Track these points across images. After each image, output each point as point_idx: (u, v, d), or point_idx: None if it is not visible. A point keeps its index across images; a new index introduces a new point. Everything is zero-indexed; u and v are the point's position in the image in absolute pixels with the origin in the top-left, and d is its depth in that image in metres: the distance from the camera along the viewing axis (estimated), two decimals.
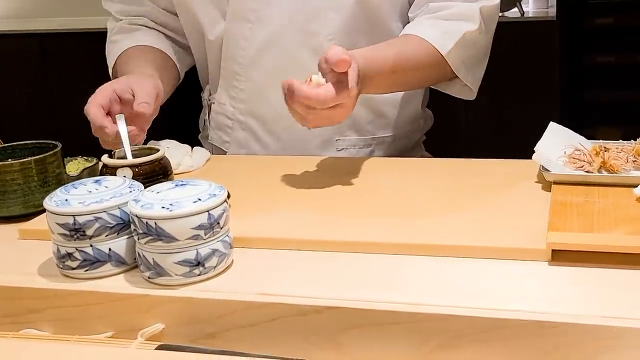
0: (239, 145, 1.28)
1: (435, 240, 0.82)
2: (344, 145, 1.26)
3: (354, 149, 1.26)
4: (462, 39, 1.15)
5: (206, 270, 0.78)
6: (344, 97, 0.94)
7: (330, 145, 1.25)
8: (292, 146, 1.25)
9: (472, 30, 1.15)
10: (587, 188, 0.93)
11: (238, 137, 1.28)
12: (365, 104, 1.24)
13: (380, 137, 1.28)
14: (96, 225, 0.79)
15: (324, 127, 1.01)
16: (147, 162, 0.96)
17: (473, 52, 1.19)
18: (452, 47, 1.14)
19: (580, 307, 0.69)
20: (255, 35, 1.20)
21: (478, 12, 1.16)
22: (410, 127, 1.32)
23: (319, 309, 0.73)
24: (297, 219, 0.91)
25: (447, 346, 0.71)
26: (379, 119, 1.27)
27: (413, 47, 1.13)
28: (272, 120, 1.24)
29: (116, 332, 0.78)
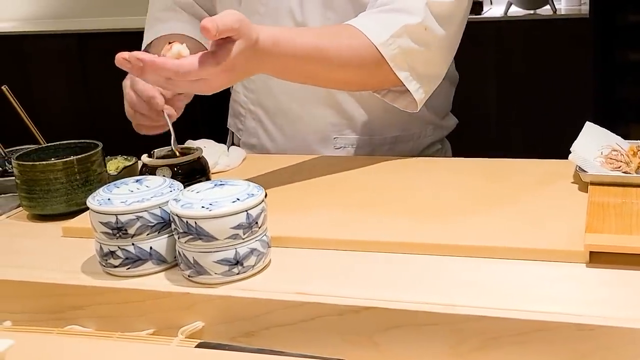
0: (250, 134, 1.31)
1: (472, 242, 0.83)
2: (341, 144, 1.24)
3: (352, 148, 1.25)
4: (401, 29, 1.03)
5: (245, 269, 0.79)
6: (208, 71, 0.87)
7: (328, 143, 1.25)
8: (294, 139, 1.26)
9: (413, 24, 1.04)
10: (624, 189, 0.92)
11: (249, 125, 1.30)
12: (363, 104, 1.22)
13: (378, 137, 1.25)
14: (138, 224, 0.81)
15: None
16: (186, 161, 0.97)
17: (423, 54, 1.06)
18: (389, 37, 1.02)
19: (619, 310, 0.69)
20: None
21: (423, 6, 1.04)
22: (413, 130, 1.27)
23: (356, 309, 0.73)
24: (334, 219, 0.92)
25: (484, 348, 0.71)
26: (377, 120, 1.23)
27: (342, 38, 1.03)
28: (276, 113, 1.26)
29: (157, 329, 0.79)
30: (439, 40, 1.07)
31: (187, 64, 0.85)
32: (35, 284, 0.84)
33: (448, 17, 1.07)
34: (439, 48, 1.08)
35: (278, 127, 1.27)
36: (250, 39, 0.89)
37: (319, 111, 1.24)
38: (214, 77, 0.88)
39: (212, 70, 0.87)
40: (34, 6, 3.73)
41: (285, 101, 1.24)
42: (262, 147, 1.30)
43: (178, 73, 0.85)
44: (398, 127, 1.25)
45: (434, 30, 1.06)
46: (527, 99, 2.83)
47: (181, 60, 0.85)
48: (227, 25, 0.85)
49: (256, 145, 1.31)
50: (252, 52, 0.90)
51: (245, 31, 0.88)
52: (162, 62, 0.84)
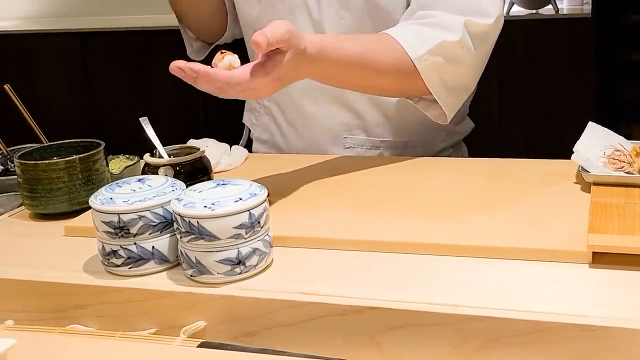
0: (264, 129, 1.33)
1: (475, 242, 0.83)
2: (351, 144, 1.26)
3: (361, 148, 1.26)
4: (438, 47, 1.07)
5: (247, 269, 0.79)
6: (257, 82, 0.90)
7: (338, 142, 1.26)
8: (305, 137, 1.28)
9: (451, 41, 1.07)
10: (627, 189, 0.92)
11: (263, 121, 1.33)
12: (375, 106, 1.23)
13: (389, 140, 1.25)
14: (140, 224, 0.81)
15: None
16: (188, 161, 0.97)
17: (454, 71, 1.10)
18: (425, 53, 1.06)
19: (621, 310, 0.69)
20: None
21: (462, 25, 1.08)
22: (425, 135, 1.27)
23: (358, 309, 0.73)
24: (336, 219, 0.92)
25: (486, 348, 0.71)
26: (389, 123, 1.24)
27: (382, 48, 1.06)
28: (289, 110, 1.28)
29: (159, 328, 0.79)
30: (473, 58, 1.11)
31: (237, 75, 0.89)
32: (38, 283, 0.84)
33: (483, 37, 1.11)
34: (472, 65, 1.12)
35: (290, 124, 1.29)
36: (298, 49, 0.93)
37: (330, 110, 1.25)
38: (263, 86, 0.92)
39: (262, 81, 0.90)
40: (37, 5, 3.73)
41: (298, 98, 1.26)
42: (273, 143, 1.32)
43: (229, 84, 0.88)
44: (409, 132, 1.26)
45: (469, 48, 1.09)
46: (529, 99, 2.82)
47: (232, 72, 0.89)
48: (277, 38, 0.89)
49: (268, 140, 1.33)
50: (299, 61, 0.94)
51: (294, 42, 0.92)
52: (214, 74, 0.88)
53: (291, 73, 0.94)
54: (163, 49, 1.50)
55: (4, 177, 1.13)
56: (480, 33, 1.10)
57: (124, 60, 3.17)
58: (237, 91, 0.90)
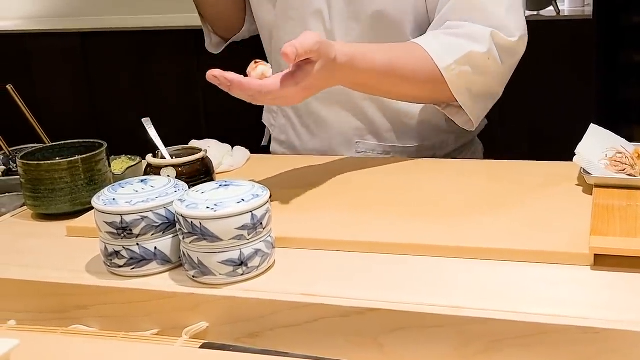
0: (280, 130, 1.36)
1: (477, 243, 0.83)
2: (363, 149, 1.28)
3: (372, 153, 1.28)
4: (465, 57, 1.09)
5: (249, 270, 0.79)
6: (288, 91, 0.94)
7: (351, 146, 1.28)
8: (319, 140, 1.30)
9: (479, 52, 1.09)
10: (629, 192, 0.92)
11: (280, 122, 1.36)
12: (385, 113, 1.25)
13: (400, 146, 1.27)
14: (142, 224, 0.81)
15: None
16: (190, 162, 0.97)
17: (481, 80, 1.12)
18: (452, 63, 1.09)
19: (623, 312, 0.69)
20: (294, 31, 1.21)
21: (489, 37, 1.10)
22: (435, 140, 1.28)
23: (361, 311, 0.74)
24: (338, 220, 0.92)
25: (488, 350, 0.71)
26: (399, 128, 1.26)
27: (410, 57, 1.09)
28: (305, 113, 1.30)
29: (161, 329, 0.79)
30: (498, 69, 1.13)
31: (269, 85, 0.93)
32: (40, 283, 0.84)
33: (509, 51, 1.13)
34: (497, 76, 1.14)
35: (305, 127, 1.32)
36: (328, 59, 0.96)
37: (343, 115, 1.27)
38: (293, 95, 0.96)
39: (292, 90, 0.94)
40: (38, 5, 3.74)
41: (313, 102, 1.28)
42: (290, 144, 1.35)
43: (261, 92, 0.93)
44: (419, 138, 1.27)
45: (495, 60, 1.11)
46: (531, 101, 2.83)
47: (264, 81, 0.93)
48: (307, 48, 0.92)
49: (285, 141, 1.36)
50: (330, 70, 0.97)
51: (324, 52, 0.95)
52: (248, 83, 0.92)
53: (321, 82, 0.98)
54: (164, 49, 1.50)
55: (6, 177, 1.13)
56: (506, 46, 1.12)
57: (126, 60, 3.17)
58: (268, 99, 0.95)
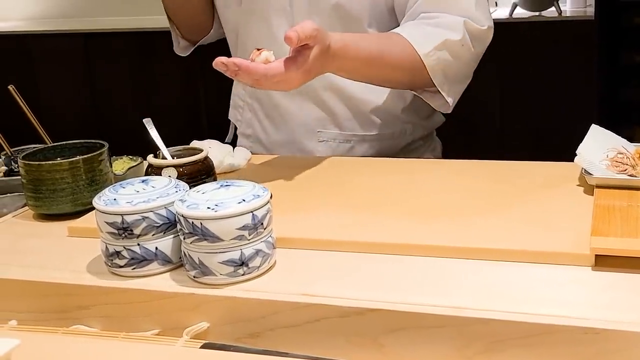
0: (247, 124, 1.41)
1: (477, 244, 0.83)
2: (324, 138, 1.33)
3: (334, 142, 1.32)
4: (442, 44, 1.17)
5: (250, 270, 0.79)
6: (290, 74, 1.00)
7: (313, 136, 1.33)
8: (283, 131, 1.35)
9: (454, 40, 1.17)
10: (630, 192, 0.92)
11: (246, 117, 1.41)
12: (345, 102, 1.30)
13: (360, 134, 1.32)
14: (143, 225, 0.81)
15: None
16: (191, 162, 0.97)
17: (455, 65, 1.19)
18: (431, 49, 1.16)
19: (624, 313, 0.69)
20: (260, 28, 1.29)
21: (462, 25, 1.18)
22: (392, 129, 1.34)
23: (361, 311, 0.74)
24: (339, 220, 0.92)
25: (489, 350, 0.71)
26: (359, 118, 1.31)
27: (394, 46, 1.16)
28: (268, 106, 1.35)
29: (162, 329, 0.79)
30: (470, 55, 1.21)
31: (273, 68, 0.99)
32: (41, 283, 0.84)
33: (479, 38, 1.21)
34: (469, 61, 1.23)
35: (270, 119, 1.36)
36: (324, 45, 1.03)
37: (304, 106, 1.32)
38: (294, 78, 1.02)
39: (294, 74, 1.01)
40: (40, 6, 3.74)
41: (275, 95, 1.33)
42: (255, 138, 1.40)
43: (266, 76, 0.99)
44: (377, 126, 1.33)
45: (468, 47, 1.20)
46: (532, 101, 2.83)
47: (269, 65, 0.99)
48: (307, 34, 0.99)
49: (251, 135, 1.40)
50: (324, 56, 1.04)
51: (320, 38, 1.02)
52: (254, 67, 0.98)
53: (317, 67, 1.04)
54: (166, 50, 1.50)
55: (7, 177, 1.13)
56: (477, 34, 1.20)
57: (127, 61, 3.18)
58: (272, 83, 1.00)
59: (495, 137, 2.85)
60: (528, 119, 2.85)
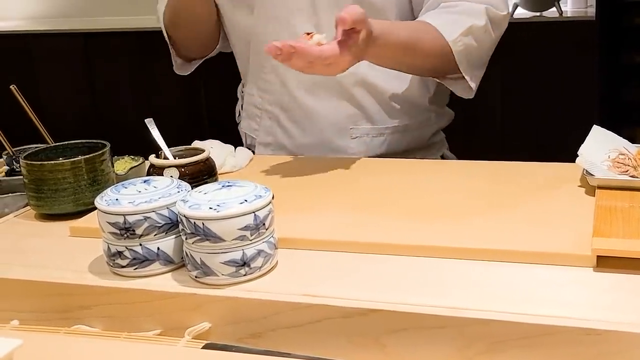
0: (266, 133, 1.37)
1: (479, 244, 0.83)
2: (357, 134, 1.32)
3: (367, 137, 1.32)
4: (467, 30, 1.20)
5: (252, 270, 0.79)
6: (343, 57, 1.02)
7: (345, 133, 1.32)
8: (311, 133, 1.32)
9: (479, 26, 1.20)
10: (632, 193, 0.92)
11: (265, 125, 1.37)
12: (374, 95, 1.31)
13: (391, 126, 1.33)
14: (145, 225, 0.81)
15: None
16: (193, 162, 0.97)
17: (478, 51, 1.23)
18: (458, 36, 1.19)
19: (626, 314, 0.69)
20: (280, 32, 1.26)
21: (484, 11, 1.21)
22: (419, 118, 1.36)
23: (363, 311, 0.74)
24: (341, 221, 0.92)
25: (490, 351, 0.71)
26: (387, 109, 1.32)
27: (425, 33, 1.19)
28: (294, 110, 1.33)
29: (164, 329, 0.79)
30: (491, 41, 1.25)
31: (328, 50, 1.01)
32: (43, 283, 0.84)
33: (499, 24, 1.25)
34: (490, 47, 1.26)
35: (296, 123, 1.33)
36: (369, 30, 1.05)
37: (334, 104, 1.31)
38: (345, 61, 1.04)
39: (346, 57, 1.03)
40: (41, 5, 3.74)
41: (302, 97, 1.31)
42: (277, 145, 1.36)
43: (320, 57, 1.00)
44: (406, 116, 1.34)
45: (490, 32, 1.23)
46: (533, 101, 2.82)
47: (323, 47, 1.01)
48: (355, 18, 1.01)
49: (271, 143, 1.36)
50: (368, 42, 1.05)
51: (367, 24, 1.04)
52: (310, 49, 1.00)
53: (362, 51, 1.06)
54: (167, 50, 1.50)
55: (9, 177, 1.13)
56: (497, 20, 1.24)
57: (128, 61, 3.17)
58: (324, 65, 1.02)
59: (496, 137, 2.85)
60: (529, 120, 2.85)
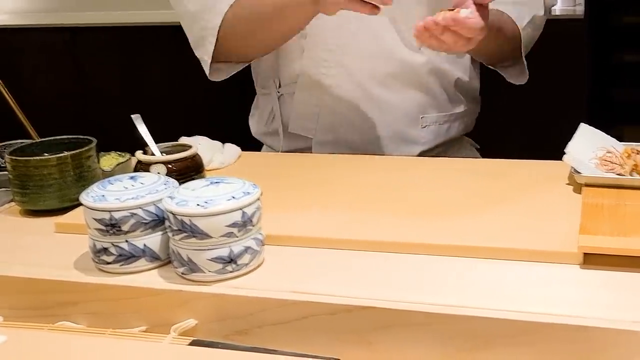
0: (326, 130, 1.30)
1: (466, 242, 0.83)
2: (427, 122, 1.32)
3: (434, 125, 1.33)
4: (532, 19, 1.25)
5: (239, 267, 0.79)
6: (483, 31, 1.04)
7: (416, 123, 1.31)
8: (382, 126, 1.29)
9: (540, 15, 1.26)
10: (618, 191, 0.92)
11: (325, 122, 1.30)
12: (443, 83, 1.32)
13: (455, 113, 1.35)
14: (132, 221, 0.80)
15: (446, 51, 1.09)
16: (180, 158, 0.97)
17: (533, 38, 1.28)
18: (525, 24, 1.23)
19: (612, 311, 0.69)
20: (350, 21, 1.23)
21: (542, 2, 1.28)
22: (470, 105, 1.39)
23: (350, 308, 0.73)
24: (328, 218, 0.92)
25: (477, 348, 0.71)
26: (452, 96, 1.34)
27: (510, 23, 1.23)
28: (364, 102, 1.28)
29: (150, 326, 0.79)
30: (540, 29, 1.30)
31: (479, 22, 1.01)
32: (28, 279, 0.83)
33: (543, 20, 1.30)
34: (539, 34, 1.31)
35: (363, 115, 1.29)
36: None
37: (410, 94, 1.30)
38: (478, 37, 1.04)
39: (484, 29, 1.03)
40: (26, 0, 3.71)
41: (372, 89, 1.28)
42: (340, 142, 1.30)
43: (471, 29, 1.00)
44: (463, 102, 1.36)
45: (543, 20, 1.29)
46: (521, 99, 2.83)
47: (473, 19, 1.00)
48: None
49: (331, 141, 1.30)
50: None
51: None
52: (472, 20, 1.00)
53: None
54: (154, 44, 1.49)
55: None
56: (548, 10, 1.30)
57: (115, 56, 3.15)
58: (465, 40, 1.02)
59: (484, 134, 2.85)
60: (517, 118, 2.85)
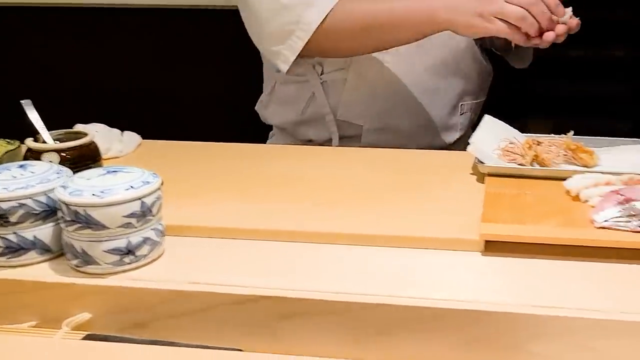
0: (378, 118, 1.29)
1: (370, 230, 0.82)
2: (464, 110, 1.35)
3: (470, 112, 1.36)
4: None
5: (137, 258, 0.76)
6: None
7: (456, 110, 1.33)
8: (430, 110, 1.30)
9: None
10: (519, 180, 0.94)
11: (375, 110, 1.29)
12: (478, 70, 1.34)
13: (480, 101, 1.38)
14: (20, 212, 0.76)
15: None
16: (74, 146, 0.92)
17: None
18: None
19: (512, 296, 0.71)
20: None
21: None
22: (486, 91, 1.40)
23: (252, 298, 0.72)
24: (230, 207, 0.90)
25: (380, 334, 0.71)
26: (480, 81, 1.36)
27: None
28: (414, 85, 1.28)
29: (40, 321, 0.75)
30: None
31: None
32: None
33: None
34: None
35: (414, 101, 1.29)
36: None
37: (452, 82, 1.31)
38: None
39: None
40: None
41: (427, 77, 1.29)
42: (389, 129, 1.29)
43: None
44: (484, 91, 1.39)
45: None
46: None
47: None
48: None
49: (383, 128, 1.29)
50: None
51: None
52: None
53: None
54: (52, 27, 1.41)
55: None
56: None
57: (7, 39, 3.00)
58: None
59: None
60: None
